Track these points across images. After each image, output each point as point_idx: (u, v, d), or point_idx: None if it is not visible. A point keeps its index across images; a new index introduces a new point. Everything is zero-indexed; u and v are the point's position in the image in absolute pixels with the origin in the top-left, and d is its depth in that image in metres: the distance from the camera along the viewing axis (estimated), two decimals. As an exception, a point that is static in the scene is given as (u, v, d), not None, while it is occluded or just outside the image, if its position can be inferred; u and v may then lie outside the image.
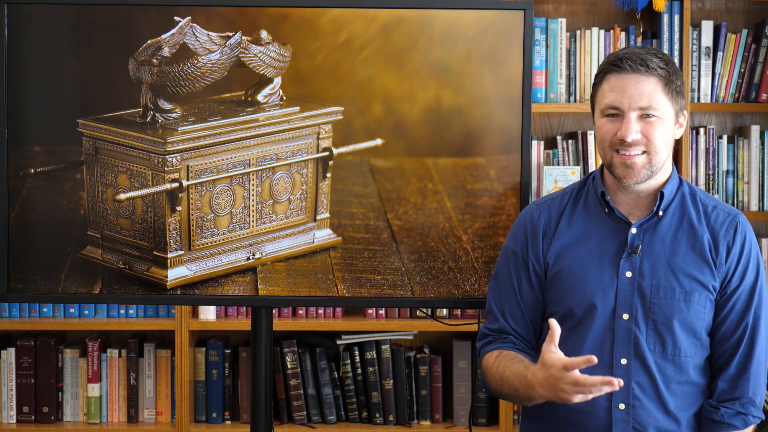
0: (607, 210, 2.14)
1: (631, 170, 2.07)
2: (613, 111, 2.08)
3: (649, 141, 2.06)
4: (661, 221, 2.12)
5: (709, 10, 3.62)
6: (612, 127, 2.08)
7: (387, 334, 3.51)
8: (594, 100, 2.15)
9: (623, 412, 2.08)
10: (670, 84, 2.08)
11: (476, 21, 2.50)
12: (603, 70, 2.12)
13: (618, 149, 2.07)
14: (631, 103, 2.06)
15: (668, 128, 2.09)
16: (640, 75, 2.06)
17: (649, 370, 2.08)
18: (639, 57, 2.06)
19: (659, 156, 2.08)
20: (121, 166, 2.48)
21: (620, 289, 2.09)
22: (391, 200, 2.54)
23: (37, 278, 2.55)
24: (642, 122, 2.06)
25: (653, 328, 2.08)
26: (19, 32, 2.50)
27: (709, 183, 3.50)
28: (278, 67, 2.49)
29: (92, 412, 3.51)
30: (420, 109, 2.51)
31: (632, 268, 2.09)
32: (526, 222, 2.21)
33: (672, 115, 2.10)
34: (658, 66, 2.07)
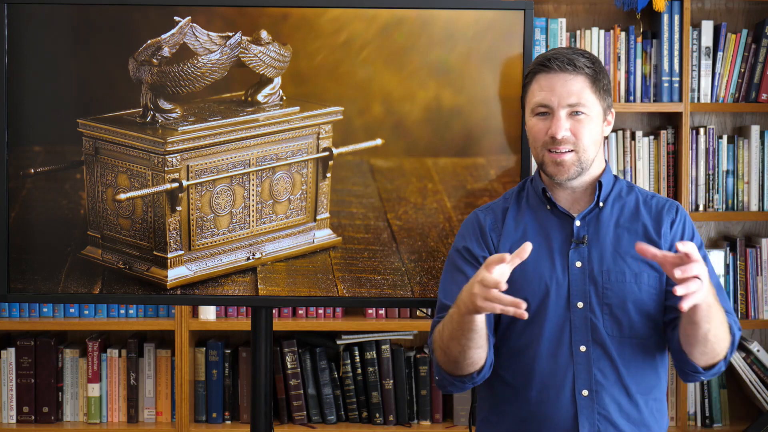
0: (549, 206, 2.21)
1: (561, 167, 2.15)
2: (543, 109, 2.16)
3: (577, 139, 2.14)
4: (603, 212, 2.19)
5: (709, 10, 3.62)
6: (543, 126, 2.16)
7: (387, 334, 3.51)
8: (524, 99, 2.23)
9: (587, 399, 2.10)
10: (597, 82, 2.16)
11: (476, 21, 2.50)
12: (532, 70, 2.19)
13: (549, 148, 2.15)
14: (560, 100, 2.13)
15: (596, 126, 2.17)
16: (568, 74, 2.14)
17: (609, 354, 2.11)
18: (566, 57, 2.15)
19: (587, 153, 2.16)
20: (121, 166, 2.48)
21: (572, 279, 2.14)
22: (391, 200, 2.54)
23: (37, 278, 2.55)
24: (571, 120, 2.14)
25: (608, 312, 2.12)
26: (19, 32, 2.51)
27: (709, 183, 3.50)
28: (278, 67, 2.49)
29: (92, 412, 3.51)
30: (420, 109, 2.52)
31: (581, 258, 2.15)
32: (473, 223, 2.26)
33: (600, 112, 2.18)
34: (585, 65, 2.15)
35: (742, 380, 3.51)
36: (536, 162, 2.21)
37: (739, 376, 3.51)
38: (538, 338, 2.13)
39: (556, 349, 2.12)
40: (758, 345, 3.50)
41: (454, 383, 2.15)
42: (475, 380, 2.13)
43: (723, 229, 3.67)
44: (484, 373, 2.12)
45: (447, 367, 2.13)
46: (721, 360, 2.10)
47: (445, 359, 2.12)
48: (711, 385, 3.51)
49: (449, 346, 2.08)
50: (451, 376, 2.13)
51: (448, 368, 2.13)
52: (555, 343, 2.12)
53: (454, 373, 2.12)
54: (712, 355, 2.07)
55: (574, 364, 2.11)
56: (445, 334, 2.08)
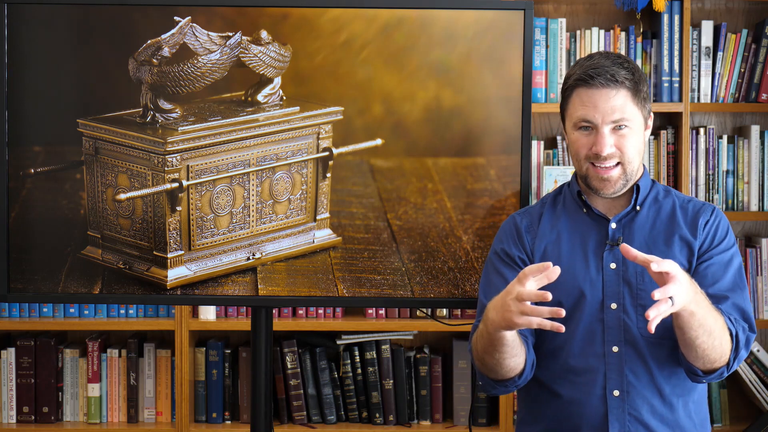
0: (585, 210, 2.21)
1: (607, 182, 2.15)
2: (585, 124, 2.15)
3: (622, 153, 2.14)
4: (638, 215, 2.19)
5: (709, 10, 3.62)
6: (587, 141, 2.15)
7: (387, 334, 3.51)
8: (564, 111, 2.21)
9: (618, 399, 2.11)
10: (638, 93, 2.15)
11: (476, 21, 2.50)
12: (572, 84, 2.17)
13: (593, 162, 2.15)
14: (604, 117, 2.12)
15: (639, 136, 2.17)
16: (610, 90, 2.12)
17: (642, 356, 2.11)
18: (608, 72, 2.12)
19: (632, 165, 2.16)
20: (121, 166, 2.48)
21: (606, 280, 2.14)
22: (391, 200, 2.54)
23: (37, 278, 2.55)
24: (615, 135, 2.14)
25: (643, 313, 2.11)
26: (19, 32, 2.51)
27: (709, 183, 3.50)
28: (278, 67, 2.49)
29: (92, 412, 3.51)
30: (420, 109, 2.51)
31: (616, 260, 2.15)
32: (510, 226, 2.27)
33: (642, 122, 2.18)
34: (626, 78, 2.13)
35: (742, 380, 3.51)
36: (579, 174, 2.20)
37: (739, 376, 3.51)
38: (571, 338, 2.13)
39: (589, 349, 2.12)
40: (758, 345, 3.50)
41: (497, 387, 2.15)
42: (518, 383, 2.13)
43: (723, 229, 3.67)
44: (525, 375, 2.12)
45: (487, 373, 2.13)
46: (722, 366, 2.08)
47: (483, 368, 2.12)
48: (711, 385, 3.51)
49: (484, 358, 2.08)
50: (494, 381, 2.14)
51: (488, 375, 2.13)
52: (588, 343, 2.12)
53: (495, 378, 2.13)
54: (705, 361, 2.06)
55: (606, 365, 2.11)
56: (479, 346, 2.08)
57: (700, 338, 2.00)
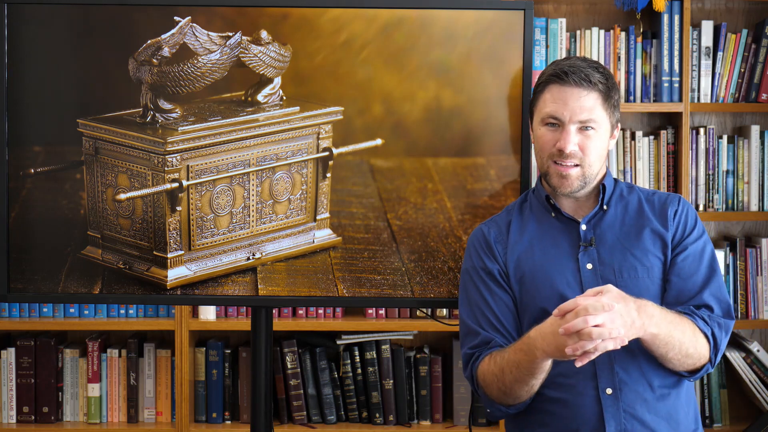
0: (554, 214, 2.23)
1: (566, 180, 2.17)
2: (553, 120, 2.17)
3: (584, 155, 2.16)
4: (606, 214, 2.21)
5: (709, 10, 3.62)
6: (552, 137, 2.17)
7: (387, 334, 3.51)
8: (534, 107, 2.24)
9: (611, 397, 2.11)
10: (609, 99, 2.18)
11: (476, 21, 2.50)
12: (545, 79, 2.20)
13: (555, 160, 2.17)
14: (572, 115, 2.15)
15: (603, 141, 2.19)
16: (582, 89, 2.15)
17: (631, 351, 2.11)
18: (582, 71, 2.15)
19: (592, 168, 2.18)
20: (121, 166, 2.48)
21: (585, 281, 2.15)
22: (391, 200, 2.54)
23: (37, 278, 2.55)
24: (580, 134, 2.16)
25: None
26: (19, 32, 2.51)
27: (709, 183, 3.50)
28: (278, 67, 2.49)
29: (92, 412, 3.51)
30: (420, 109, 2.51)
31: (591, 260, 2.17)
32: (478, 239, 2.28)
33: (608, 128, 2.20)
34: (599, 81, 2.16)
35: (742, 380, 3.51)
36: (540, 171, 2.23)
37: (739, 376, 3.51)
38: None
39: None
40: (758, 345, 3.49)
41: (509, 411, 2.17)
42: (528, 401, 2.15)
43: (723, 229, 3.67)
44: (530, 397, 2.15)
45: (505, 401, 2.14)
46: (706, 364, 2.12)
47: (503, 397, 2.12)
48: (711, 385, 3.51)
49: (513, 388, 2.08)
50: (508, 406, 2.15)
51: (505, 401, 2.14)
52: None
53: (513, 403, 2.14)
54: (684, 366, 2.10)
55: (595, 364, 2.11)
56: (508, 378, 2.07)
57: (670, 353, 2.05)
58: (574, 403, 2.12)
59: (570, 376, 2.12)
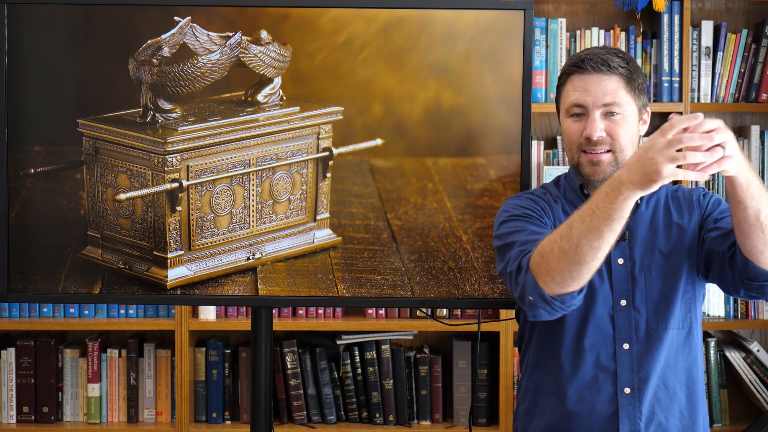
0: None
1: (597, 167, 2.13)
2: (577, 110, 2.14)
3: (613, 139, 2.12)
4: (639, 209, 2.18)
5: (709, 10, 3.62)
6: (578, 128, 2.14)
7: (387, 334, 3.51)
8: (559, 101, 2.22)
9: (629, 397, 2.11)
10: (632, 82, 2.14)
11: (476, 21, 2.50)
12: (565, 71, 2.19)
13: (584, 149, 2.14)
14: (595, 100, 2.12)
15: (632, 125, 2.15)
16: (602, 74, 2.12)
17: (651, 351, 2.11)
18: (600, 57, 2.13)
19: (625, 153, 2.13)
20: (121, 166, 2.48)
21: (615, 276, 2.13)
22: (391, 200, 2.54)
23: (37, 278, 2.55)
24: (606, 120, 2.12)
25: (653, 308, 2.12)
26: (19, 32, 2.50)
27: (709, 183, 3.50)
28: (278, 67, 2.49)
29: (92, 412, 3.51)
30: (420, 109, 2.51)
31: (623, 255, 2.14)
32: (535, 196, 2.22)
33: (635, 112, 2.16)
34: (619, 65, 2.13)
35: (742, 380, 3.51)
36: (571, 164, 2.20)
37: (739, 376, 3.51)
38: (582, 335, 2.13)
39: (600, 346, 2.12)
40: (758, 345, 3.50)
41: (553, 304, 1.98)
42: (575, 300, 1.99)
43: (723, 229, 3.67)
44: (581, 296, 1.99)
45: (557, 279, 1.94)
46: None
47: (561, 268, 1.92)
48: (711, 385, 3.51)
49: (580, 245, 1.88)
50: (555, 296, 1.97)
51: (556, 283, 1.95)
52: (598, 340, 2.12)
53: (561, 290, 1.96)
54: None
55: (617, 362, 2.11)
56: (576, 231, 1.88)
57: (764, 211, 1.87)
58: (591, 399, 2.12)
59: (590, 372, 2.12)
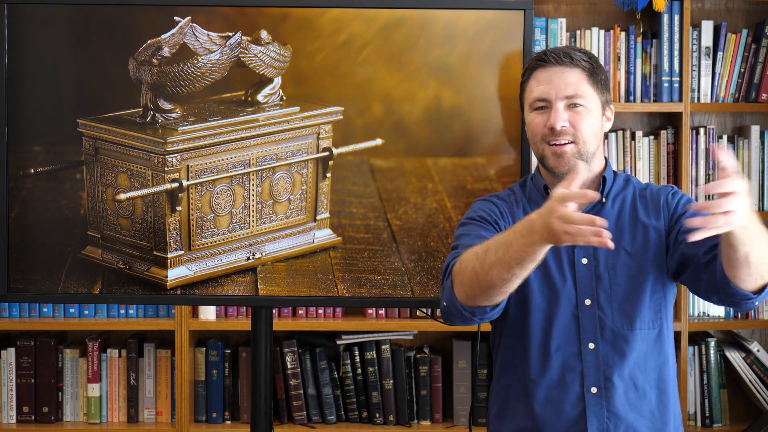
0: None
1: (561, 159, 2.14)
2: (541, 104, 2.16)
3: (576, 130, 2.13)
4: (605, 207, 2.18)
5: (709, 10, 3.62)
6: (541, 119, 2.16)
7: (387, 334, 3.51)
8: (522, 97, 2.23)
9: (596, 396, 2.11)
10: (595, 75, 2.17)
11: (476, 21, 2.50)
12: (529, 67, 2.20)
13: (549, 141, 2.14)
14: (558, 92, 2.14)
15: (595, 118, 2.17)
16: (564, 67, 2.15)
17: (619, 349, 2.11)
18: (563, 51, 2.17)
19: (588, 146, 2.15)
20: (121, 166, 2.48)
21: (579, 276, 2.14)
22: (391, 200, 2.54)
23: (37, 278, 2.55)
24: (569, 111, 2.14)
25: (618, 308, 2.12)
26: (19, 32, 2.51)
27: (709, 183, 3.49)
28: (278, 67, 2.49)
29: (92, 412, 3.51)
30: (420, 109, 2.52)
31: (586, 254, 2.15)
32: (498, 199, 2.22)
33: (598, 105, 2.18)
34: (582, 59, 2.16)
35: (742, 380, 3.51)
36: (536, 157, 2.21)
37: (739, 376, 3.51)
38: (548, 336, 2.13)
39: (566, 346, 2.12)
40: (758, 345, 3.50)
41: (463, 314, 2.01)
42: (486, 315, 2.01)
43: (723, 229, 3.67)
44: (495, 312, 2.02)
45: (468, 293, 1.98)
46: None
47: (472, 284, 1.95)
48: (711, 385, 3.51)
49: (490, 273, 1.91)
50: (463, 305, 2.00)
51: (466, 296, 1.98)
52: (564, 340, 2.12)
53: (471, 303, 1.99)
54: (758, 275, 1.94)
55: (583, 362, 2.11)
56: (491, 259, 1.90)
57: (753, 252, 1.89)
58: (559, 400, 2.12)
59: (557, 372, 2.12)
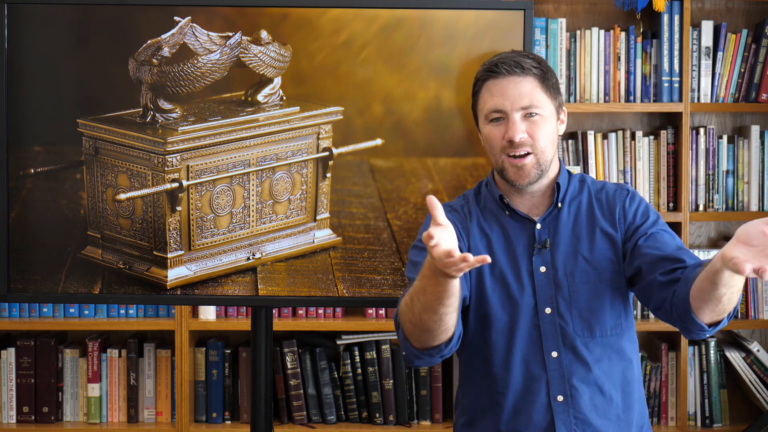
0: (508, 212, 2.19)
1: (522, 172, 2.13)
2: (497, 115, 2.14)
3: (534, 140, 2.13)
4: (561, 213, 2.18)
5: (709, 10, 3.62)
6: (498, 131, 2.14)
7: (387, 334, 3.51)
8: (476, 108, 2.21)
9: (562, 404, 2.10)
10: (546, 81, 2.16)
11: (476, 21, 2.50)
12: (480, 77, 2.18)
13: (508, 153, 2.13)
14: (513, 103, 2.12)
15: (551, 126, 2.16)
16: (517, 77, 2.13)
17: (581, 357, 2.11)
18: (513, 60, 2.14)
19: (545, 155, 2.15)
20: (121, 166, 2.48)
21: (538, 285, 2.13)
22: (391, 200, 2.54)
23: (37, 278, 2.55)
24: (526, 122, 2.13)
25: (578, 315, 2.12)
26: (19, 32, 2.51)
27: (709, 183, 3.50)
28: (278, 67, 2.49)
29: (92, 412, 3.51)
30: (420, 109, 2.52)
31: (544, 263, 2.14)
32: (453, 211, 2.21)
33: (552, 111, 2.17)
34: (532, 66, 2.14)
35: (742, 380, 3.51)
36: (495, 168, 2.19)
37: (739, 376, 3.51)
38: (511, 347, 2.13)
39: (529, 356, 2.12)
40: (758, 345, 3.50)
41: (421, 357, 2.06)
42: (444, 352, 2.05)
43: (723, 229, 3.67)
44: (452, 346, 2.04)
45: (417, 340, 2.03)
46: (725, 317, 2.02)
47: (415, 332, 2.01)
48: (711, 385, 3.51)
49: (422, 318, 1.97)
50: (419, 350, 2.05)
51: (417, 342, 2.03)
52: (527, 351, 2.12)
53: (423, 346, 2.04)
54: (720, 312, 1.98)
55: (547, 371, 2.10)
56: (417, 306, 1.96)
57: (727, 295, 1.92)
58: (526, 410, 2.11)
59: (522, 383, 2.12)
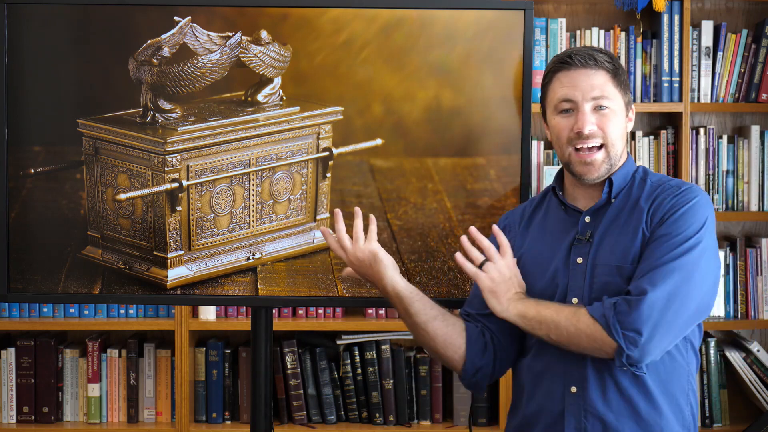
0: (563, 206, 2.20)
1: (591, 167, 2.12)
2: (567, 105, 2.13)
3: (605, 133, 2.11)
4: (610, 207, 2.15)
5: (709, 10, 3.62)
6: (567, 123, 2.13)
7: (387, 334, 3.51)
8: (545, 100, 2.20)
9: (575, 395, 2.10)
10: (618, 77, 2.14)
11: (476, 21, 2.50)
12: (551, 69, 2.18)
13: (576, 146, 2.12)
14: (584, 94, 2.11)
15: (621, 120, 2.15)
16: (589, 69, 2.12)
17: None
18: (586, 53, 2.14)
19: (615, 148, 2.13)
20: (121, 166, 2.48)
21: (571, 275, 2.13)
22: (391, 200, 2.54)
23: (37, 278, 2.55)
24: (596, 114, 2.12)
25: None
26: (19, 32, 2.51)
27: (709, 183, 3.50)
28: (278, 67, 2.49)
29: (92, 412, 3.51)
30: (420, 109, 2.51)
31: (582, 254, 2.13)
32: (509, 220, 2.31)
33: (623, 107, 2.16)
34: (605, 60, 2.14)
35: (742, 380, 3.51)
36: (562, 161, 2.18)
37: (739, 376, 3.51)
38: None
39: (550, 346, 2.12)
40: (758, 345, 3.50)
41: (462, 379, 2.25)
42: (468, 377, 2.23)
43: (723, 229, 3.67)
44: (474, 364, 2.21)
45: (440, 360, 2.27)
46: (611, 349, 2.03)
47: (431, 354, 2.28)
48: (711, 385, 3.51)
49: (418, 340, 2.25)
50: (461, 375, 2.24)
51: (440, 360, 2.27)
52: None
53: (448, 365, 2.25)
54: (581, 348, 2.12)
55: (564, 362, 2.11)
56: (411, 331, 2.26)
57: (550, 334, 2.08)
58: (542, 400, 2.13)
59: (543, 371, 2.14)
